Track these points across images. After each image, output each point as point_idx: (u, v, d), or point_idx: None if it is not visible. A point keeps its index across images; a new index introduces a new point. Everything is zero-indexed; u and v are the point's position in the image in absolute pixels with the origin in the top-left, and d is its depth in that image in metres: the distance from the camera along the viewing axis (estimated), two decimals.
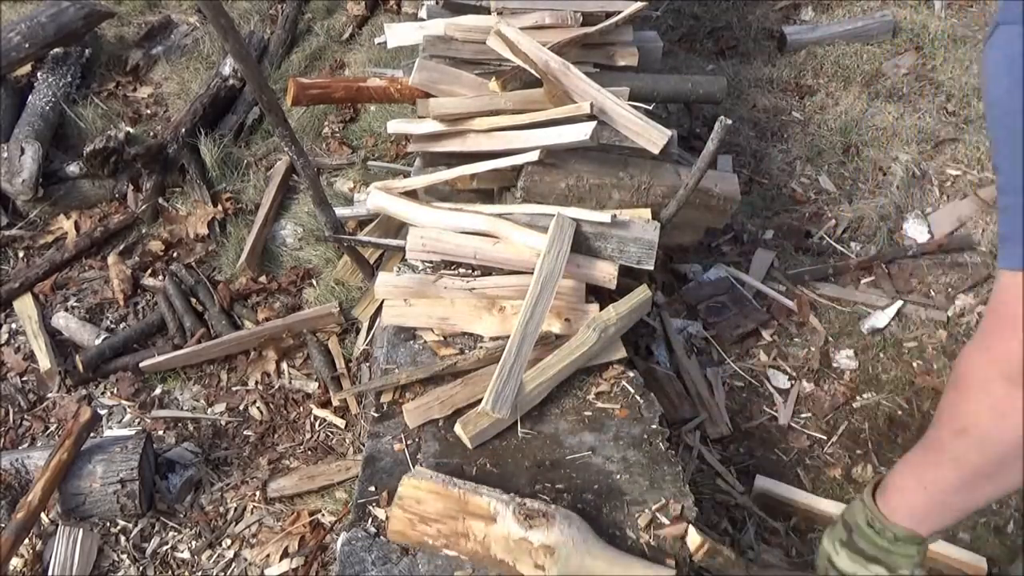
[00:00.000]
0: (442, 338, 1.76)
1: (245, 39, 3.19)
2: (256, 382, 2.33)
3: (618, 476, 1.47)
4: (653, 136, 1.91)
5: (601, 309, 1.70)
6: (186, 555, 1.95)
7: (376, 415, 1.62)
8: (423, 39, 2.15)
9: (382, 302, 1.81)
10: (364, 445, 1.64)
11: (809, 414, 2.18)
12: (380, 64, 3.23)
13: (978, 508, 1.07)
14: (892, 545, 1.10)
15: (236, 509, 2.04)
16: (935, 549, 1.75)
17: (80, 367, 2.28)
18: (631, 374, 1.69)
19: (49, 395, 2.30)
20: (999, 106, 0.85)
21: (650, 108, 1.99)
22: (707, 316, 2.38)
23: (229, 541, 1.98)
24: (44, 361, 2.32)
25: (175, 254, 2.71)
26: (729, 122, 1.58)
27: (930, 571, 1.73)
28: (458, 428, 1.50)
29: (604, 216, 1.77)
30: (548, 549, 1.29)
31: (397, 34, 2.29)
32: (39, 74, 3.06)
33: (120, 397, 2.29)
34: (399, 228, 2.16)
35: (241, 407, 2.28)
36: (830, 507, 1.88)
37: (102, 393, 2.31)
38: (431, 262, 1.86)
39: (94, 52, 3.32)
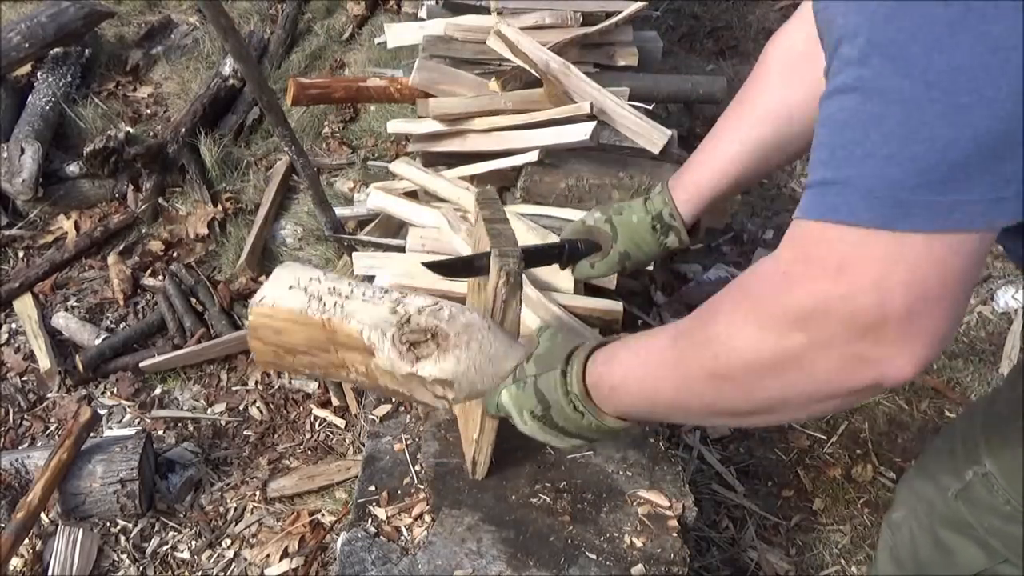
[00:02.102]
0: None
1: (245, 39, 3.18)
2: (256, 382, 2.33)
3: (618, 476, 1.47)
4: (653, 136, 1.91)
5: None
6: (186, 555, 1.95)
7: (376, 415, 1.62)
8: (423, 39, 2.16)
9: None
10: (364, 445, 1.64)
11: None
12: (380, 64, 3.23)
13: (688, 424, 1.02)
14: (597, 430, 1.02)
15: (236, 509, 2.04)
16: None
17: (80, 367, 2.28)
18: None
19: (49, 395, 2.30)
20: None
21: (650, 108, 1.99)
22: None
23: (229, 541, 1.98)
24: (44, 361, 2.32)
25: (175, 254, 2.71)
26: None
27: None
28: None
29: None
30: (444, 382, 1.07)
31: (397, 34, 2.29)
32: (39, 74, 3.06)
33: (120, 397, 2.29)
34: (399, 228, 2.16)
35: (241, 407, 2.28)
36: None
37: (102, 393, 2.31)
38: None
39: (94, 52, 3.32)
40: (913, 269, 0.65)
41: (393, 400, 1.59)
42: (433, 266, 1.33)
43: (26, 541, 1.85)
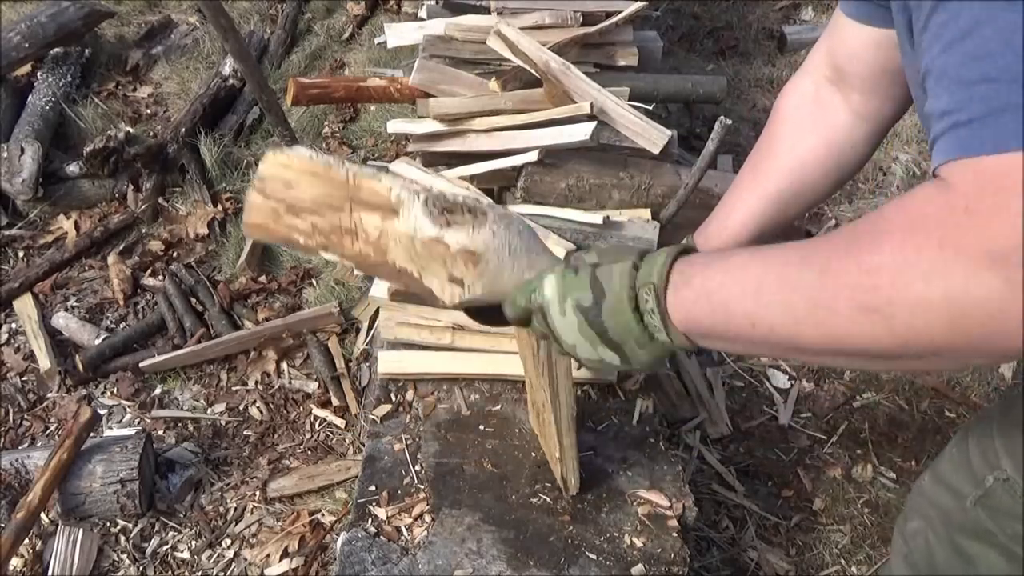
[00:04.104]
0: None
1: (245, 39, 3.18)
2: (256, 382, 2.33)
3: (618, 476, 1.47)
4: (653, 136, 1.91)
5: None
6: (186, 555, 1.95)
7: (376, 415, 1.62)
8: (423, 39, 2.15)
9: None
10: (364, 445, 1.64)
11: (809, 414, 2.19)
12: (380, 64, 3.23)
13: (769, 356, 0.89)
14: (648, 343, 0.87)
15: (236, 509, 2.04)
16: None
17: (80, 367, 2.28)
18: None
19: (49, 395, 2.30)
20: None
21: (650, 108, 1.99)
22: None
23: (229, 541, 1.98)
24: (44, 361, 2.32)
25: (175, 254, 2.71)
26: (729, 122, 1.58)
27: None
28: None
29: (596, 218, 1.77)
30: (470, 256, 0.96)
31: (397, 34, 2.29)
32: (39, 74, 3.06)
33: (120, 397, 2.29)
34: None
35: (241, 407, 2.28)
36: None
37: (102, 393, 2.31)
38: None
39: (94, 52, 3.32)
40: None
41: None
42: (472, 312, 1.14)
43: (26, 541, 1.85)
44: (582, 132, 1.83)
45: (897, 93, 1.13)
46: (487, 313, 1.06)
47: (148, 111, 3.22)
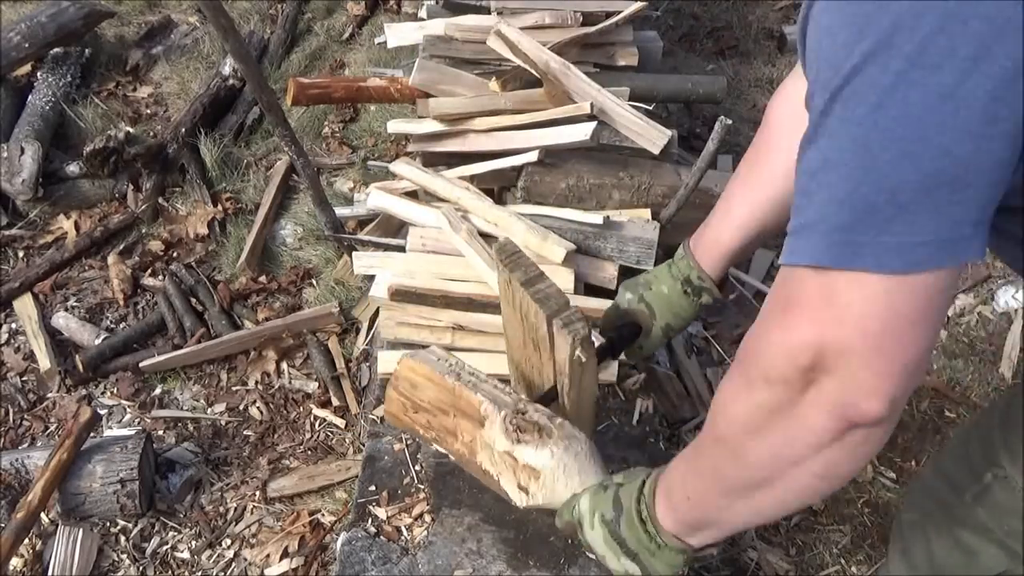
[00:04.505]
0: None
1: (245, 39, 3.19)
2: (256, 382, 2.33)
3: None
4: (653, 136, 1.91)
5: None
6: (186, 555, 1.95)
7: (376, 416, 1.62)
8: (423, 39, 2.16)
9: None
10: (364, 445, 1.64)
11: None
12: (380, 64, 3.23)
13: (770, 520, 1.04)
14: (656, 551, 0.98)
15: (236, 509, 2.04)
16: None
17: (80, 367, 2.28)
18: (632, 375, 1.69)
19: (49, 395, 2.30)
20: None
21: (650, 108, 1.99)
22: (707, 316, 2.38)
23: (229, 541, 1.98)
24: (44, 361, 2.32)
25: (175, 254, 2.71)
26: (729, 122, 1.58)
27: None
28: None
29: (596, 218, 1.77)
30: (533, 471, 1.12)
31: (397, 34, 2.29)
32: (39, 74, 3.06)
33: (120, 397, 2.29)
34: (399, 228, 2.16)
35: (241, 407, 2.28)
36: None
37: (102, 393, 2.31)
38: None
39: (94, 52, 3.32)
40: (868, 306, 0.67)
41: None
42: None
43: (26, 541, 1.85)
44: (582, 132, 1.83)
45: None
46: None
47: (148, 111, 3.22)
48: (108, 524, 1.98)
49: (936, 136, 0.62)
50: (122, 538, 1.96)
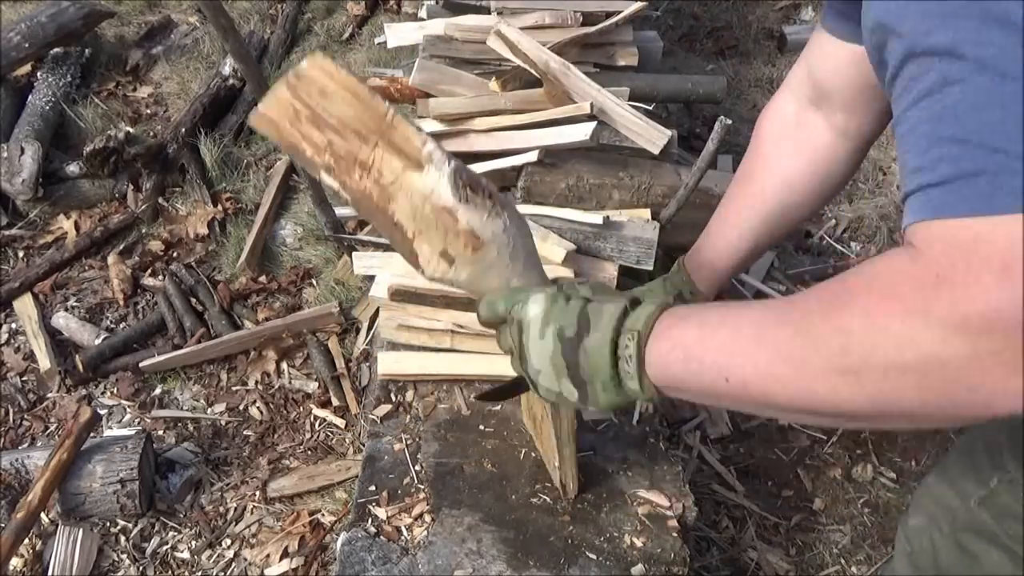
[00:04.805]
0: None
1: (245, 39, 3.19)
2: (256, 382, 2.33)
3: (618, 476, 1.47)
4: (653, 136, 1.91)
5: None
6: (186, 555, 1.95)
7: (376, 415, 1.62)
8: (423, 39, 2.15)
9: None
10: (364, 445, 1.64)
11: None
12: (380, 64, 3.23)
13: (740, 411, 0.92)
14: (615, 388, 0.88)
15: (236, 509, 2.04)
16: None
17: (80, 367, 2.28)
18: None
19: (49, 395, 2.30)
20: None
21: (650, 108, 1.99)
22: None
23: (229, 541, 1.98)
24: (44, 361, 2.32)
25: (175, 254, 2.71)
26: (729, 122, 1.58)
27: None
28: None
29: (596, 218, 1.77)
30: (474, 239, 0.94)
31: (397, 34, 2.29)
32: (39, 74, 3.06)
33: (120, 397, 2.29)
34: None
35: (241, 407, 2.28)
36: None
37: (102, 393, 2.31)
38: None
39: (94, 52, 3.32)
40: None
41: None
42: (485, 396, 1.36)
43: (26, 541, 1.85)
44: (582, 132, 1.83)
45: (878, 107, 1.14)
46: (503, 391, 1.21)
47: (148, 111, 3.22)
48: (108, 524, 1.98)
49: None
50: (122, 538, 1.96)
